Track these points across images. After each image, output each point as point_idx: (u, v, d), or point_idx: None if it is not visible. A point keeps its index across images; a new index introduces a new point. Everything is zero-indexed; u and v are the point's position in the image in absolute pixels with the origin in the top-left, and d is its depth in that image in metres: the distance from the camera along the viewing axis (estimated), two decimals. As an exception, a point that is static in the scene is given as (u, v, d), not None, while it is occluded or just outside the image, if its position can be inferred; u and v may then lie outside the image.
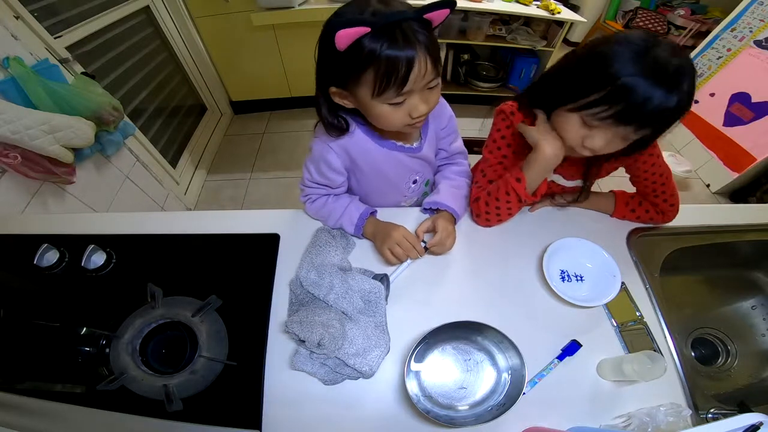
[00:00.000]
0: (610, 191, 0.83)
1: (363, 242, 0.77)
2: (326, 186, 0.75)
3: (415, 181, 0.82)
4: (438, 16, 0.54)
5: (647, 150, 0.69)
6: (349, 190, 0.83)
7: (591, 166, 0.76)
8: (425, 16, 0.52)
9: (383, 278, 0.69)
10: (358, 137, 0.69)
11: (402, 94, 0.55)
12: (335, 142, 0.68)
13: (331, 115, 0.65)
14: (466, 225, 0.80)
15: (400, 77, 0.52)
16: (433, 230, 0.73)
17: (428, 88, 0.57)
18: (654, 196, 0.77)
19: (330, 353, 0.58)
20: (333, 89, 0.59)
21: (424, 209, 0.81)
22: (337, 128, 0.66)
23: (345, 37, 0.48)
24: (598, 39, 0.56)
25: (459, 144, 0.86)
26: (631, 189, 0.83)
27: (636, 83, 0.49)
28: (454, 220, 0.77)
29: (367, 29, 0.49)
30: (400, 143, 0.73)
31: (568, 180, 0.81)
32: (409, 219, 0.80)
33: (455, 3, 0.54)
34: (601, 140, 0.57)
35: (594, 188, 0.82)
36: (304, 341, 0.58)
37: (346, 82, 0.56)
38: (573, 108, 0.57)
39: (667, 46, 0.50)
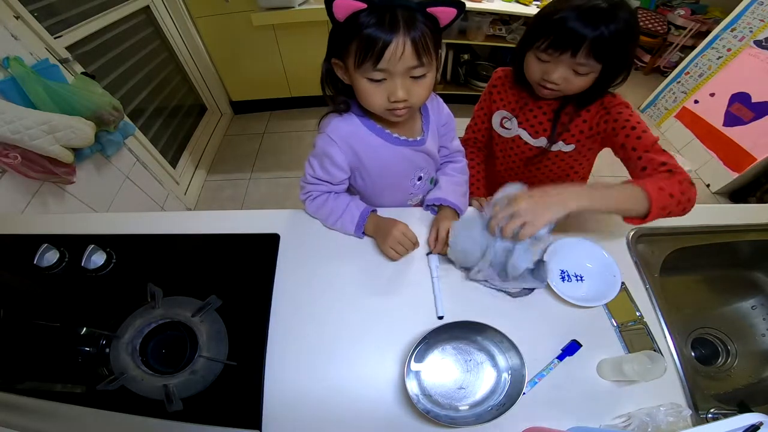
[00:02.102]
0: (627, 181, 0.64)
1: (368, 240, 0.77)
2: (327, 182, 0.75)
3: (420, 178, 0.82)
4: (443, 15, 0.55)
5: (613, 114, 0.73)
6: (357, 192, 0.83)
7: (559, 112, 0.79)
8: (429, 10, 0.54)
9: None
10: (361, 131, 0.70)
11: (379, 70, 0.56)
12: (339, 137, 0.69)
13: (333, 92, 0.67)
14: (466, 225, 0.80)
15: (376, 51, 0.53)
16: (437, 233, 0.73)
17: (412, 77, 0.58)
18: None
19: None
20: (334, 60, 0.62)
21: (427, 206, 0.81)
22: (338, 100, 0.68)
23: (342, 7, 0.52)
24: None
25: (457, 143, 0.88)
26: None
27: (566, 16, 0.63)
28: (457, 216, 0.77)
29: (363, 5, 0.52)
30: (403, 137, 0.73)
31: (533, 138, 0.86)
32: (412, 218, 0.80)
33: (464, 5, 0.56)
34: (554, 72, 0.68)
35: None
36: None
37: (342, 52, 0.59)
38: (531, 51, 0.71)
39: (604, 2, 0.61)
